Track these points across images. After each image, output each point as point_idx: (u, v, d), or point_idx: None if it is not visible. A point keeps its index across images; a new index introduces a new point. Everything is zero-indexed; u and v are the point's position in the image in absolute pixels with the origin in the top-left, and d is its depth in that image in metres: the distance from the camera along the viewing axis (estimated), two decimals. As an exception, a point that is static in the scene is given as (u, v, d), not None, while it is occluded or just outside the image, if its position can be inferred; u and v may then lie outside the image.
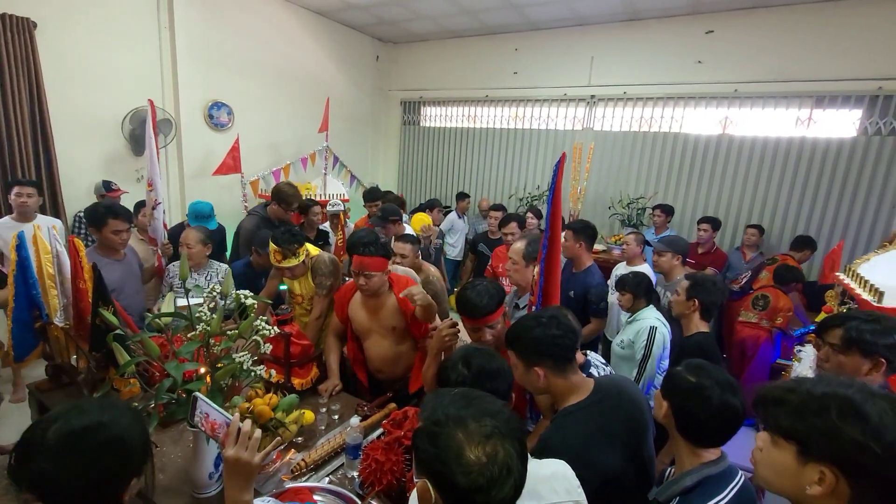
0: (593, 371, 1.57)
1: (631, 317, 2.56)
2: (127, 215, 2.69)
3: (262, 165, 5.25)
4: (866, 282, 2.16)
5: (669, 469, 1.29)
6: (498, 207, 4.58)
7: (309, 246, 2.68)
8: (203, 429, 1.16)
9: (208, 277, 2.90)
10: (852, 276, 2.33)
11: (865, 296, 2.13)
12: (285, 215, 3.67)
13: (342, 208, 4.05)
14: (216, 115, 4.92)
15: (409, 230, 3.76)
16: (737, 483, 1.14)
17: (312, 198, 4.61)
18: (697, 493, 1.13)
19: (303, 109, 5.77)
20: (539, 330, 1.35)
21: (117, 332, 1.48)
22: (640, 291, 2.54)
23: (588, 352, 1.70)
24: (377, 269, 2.08)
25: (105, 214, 2.56)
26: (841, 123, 4.44)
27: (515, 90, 6.08)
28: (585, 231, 2.83)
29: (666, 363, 2.39)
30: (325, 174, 5.52)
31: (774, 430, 0.85)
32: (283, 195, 3.60)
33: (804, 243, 4.17)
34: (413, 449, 0.82)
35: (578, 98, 5.69)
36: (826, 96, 4.43)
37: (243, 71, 5.10)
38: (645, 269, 3.14)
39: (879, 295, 2.06)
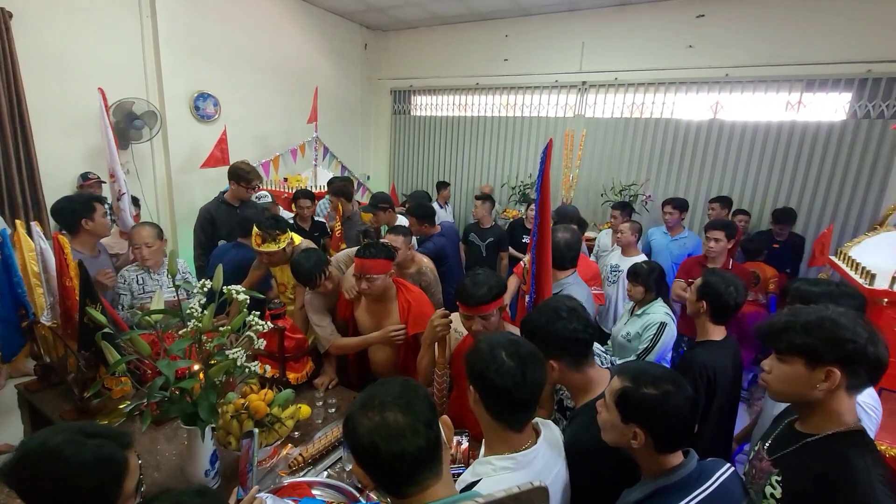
0: (596, 360, 1.56)
1: (640, 310, 2.49)
2: (101, 200, 2.66)
3: (250, 157, 5.09)
4: (858, 264, 2.18)
5: None
6: (482, 197, 4.34)
7: (294, 235, 2.66)
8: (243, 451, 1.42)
9: (169, 277, 2.78)
10: (844, 259, 2.34)
11: (857, 278, 2.14)
12: (246, 195, 3.53)
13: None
14: (202, 107, 4.82)
15: (401, 221, 3.73)
16: (702, 492, 1.04)
17: (306, 189, 4.53)
18: None
19: (291, 100, 5.67)
20: (560, 324, 1.33)
21: (106, 330, 1.45)
22: (651, 284, 2.45)
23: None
24: (380, 272, 2.04)
25: (89, 200, 2.52)
26: (830, 107, 4.45)
27: (506, 77, 6.02)
28: (417, 211, 3.58)
29: (669, 356, 2.38)
30: (316, 165, 5.45)
31: (786, 351, 1.09)
32: (240, 172, 3.43)
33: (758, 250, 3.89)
34: None
35: (570, 85, 5.64)
36: (816, 80, 4.43)
37: (229, 61, 4.98)
38: (641, 258, 3.13)
39: (871, 277, 2.08)
